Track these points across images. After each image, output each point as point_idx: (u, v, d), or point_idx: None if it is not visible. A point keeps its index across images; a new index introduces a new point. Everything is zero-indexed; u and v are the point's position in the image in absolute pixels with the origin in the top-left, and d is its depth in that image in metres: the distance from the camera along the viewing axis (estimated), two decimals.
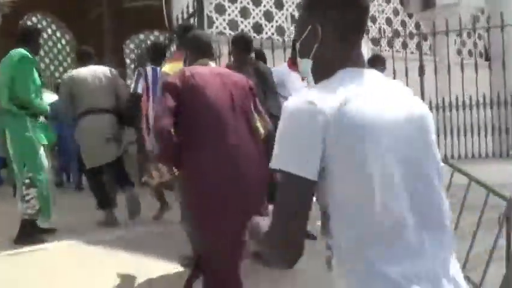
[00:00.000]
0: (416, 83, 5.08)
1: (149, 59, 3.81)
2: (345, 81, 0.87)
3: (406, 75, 4.89)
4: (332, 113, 0.80)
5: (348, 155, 0.81)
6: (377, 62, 3.63)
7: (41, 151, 3.06)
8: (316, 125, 0.80)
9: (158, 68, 3.50)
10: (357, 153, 0.81)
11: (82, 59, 3.77)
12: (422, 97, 5.07)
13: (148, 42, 10.81)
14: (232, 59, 3.45)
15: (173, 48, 5.19)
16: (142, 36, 10.90)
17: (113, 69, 3.85)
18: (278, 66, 3.76)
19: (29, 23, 9.62)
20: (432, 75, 5.15)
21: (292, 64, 3.58)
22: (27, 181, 2.97)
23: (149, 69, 3.54)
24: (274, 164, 0.83)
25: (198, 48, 2.20)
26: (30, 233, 2.96)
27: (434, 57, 5.03)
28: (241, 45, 3.06)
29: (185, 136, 1.90)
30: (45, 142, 3.11)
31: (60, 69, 11.39)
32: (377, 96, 0.86)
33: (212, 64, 2.20)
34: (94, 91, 3.44)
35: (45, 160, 3.09)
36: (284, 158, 0.83)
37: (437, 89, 4.99)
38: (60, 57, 11.43)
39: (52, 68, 11.20)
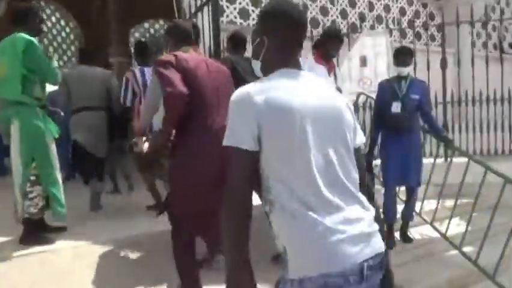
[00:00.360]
0: (435, 76, 4.85)
1: (136, 58, 3.75)
2: (279, 78, 1.19)
3: (428, 68, 4.65)
4: (263, 102, 1.11)
5: (274, 130, 1.11)
6: (405, 55, 3.39)
7: (53, 145, 2.88)
8: (251, 111, 1.11)
9: (146, 68, 3.45)
10: (280, 128, 1.11)
11: (82, 59, 4.00)
12: (444, 91, 4.86)
13: (152, 31, 10.65)
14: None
15: None
16: (146, 24, 10.66)
17: (108, 71, 4.05)
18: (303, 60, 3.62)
19: None
20: (451, 68, 4.91)
21: (319, 58, 3.48)
22: (32, 178, 2.79)
23: (137, 71, 3.50)
24: (224, 141, 1.14)
25: (178, 36, 2.31)
26: (34, 233, 2.80)
27: (458, 49, 4.78)
28: (235, 42, 3.19)
29: None
30: (56, 135, 2.93)
31: (65, 58, 11.21)
32: (300, 89, 1.17)
33: (193, 51, 2.28)
34: (86, 90, 3.64)
35: (55, 155, 2.90)
36: (230, 136, 1.13)
37: (459, 82, 4.78)
38: (64, 46, 11.23)
39: (57, 56, 11.00)
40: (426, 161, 3.85)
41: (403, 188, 3.70)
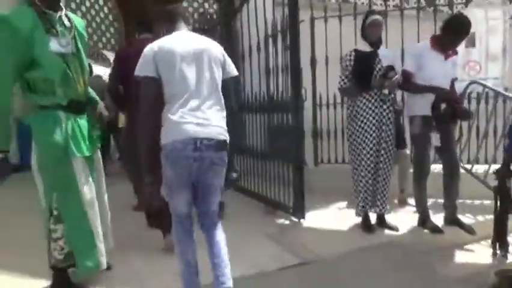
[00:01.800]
0: None
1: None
2: (169, 37, 1.99)
3: None
4: (158, 48, 1.90)
5: (164, 64, 1.88)
6: None
7: (79, 166, 2.07)
8: (151, 54, 1.89)
9: None
10: (167, 63, 1.88)
11: None
12: None
13: (190, 10, 9.93)
14: None
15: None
16: (184, 4, 9.92)
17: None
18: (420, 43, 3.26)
19: None
20: None
21: (436, 43, 3.02)
22: (55, 212, 2.05)
23: None
24: (136, 72, 1.90)
25: (140, 27, 3.48)
26: (66, 284, 2.10)
27: None
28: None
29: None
30: (84, 153, 2.09)
31: (104, 39, 10.78)
32: (181, 40, 1.96)
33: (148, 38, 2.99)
34: None
35: (85, 180, 2.09)
36: (139, 69, 1.90)
37: None
38: (103, 27, 10.79)
39: (95, 37, 10.57)
40: None
41: None
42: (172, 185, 1.88)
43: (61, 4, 2.08)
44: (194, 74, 1.89)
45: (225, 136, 1.93)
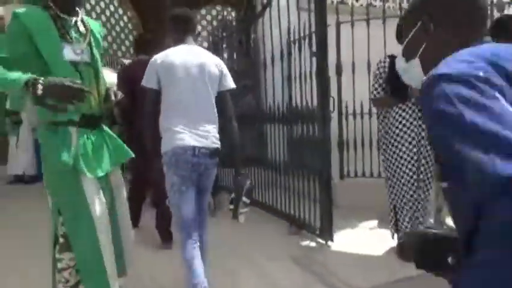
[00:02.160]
0: None
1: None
2: (173, 50, 2.20)
3: None
4: (160, 61, 2.14)
5: (165, 76, 2.12)
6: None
7: (90, 187, 1.81)
8: (155, 66, 2.15)
9: None
10: (167, 76, 2.12)
11: None
12: None
13: (209, 18, 9.83)
14: None
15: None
16: (203, 11, 9.82)
17: None
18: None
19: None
20: None
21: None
22: (61, 240, 1.80)
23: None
24: (142, 83, 2.18)
25: (139, 48, 3.62)
26: None
27: None
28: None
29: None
30: (96, 173, 1.82)
31: (123, 48, 10.79)
32: (181, 54, 2.17)
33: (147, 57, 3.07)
34: None
35: (98, 202, 1.82)
36: (144, 80, 2.17)
37: None
38: (122, 36, 10.80)
39: (115, 46, 10.59)
40: None
41: None
42: (178, 186, 2.09)
43: (78, 10, 1.89)
44: (191, 87, 2.12)
45: (218, 144, 2.19)
